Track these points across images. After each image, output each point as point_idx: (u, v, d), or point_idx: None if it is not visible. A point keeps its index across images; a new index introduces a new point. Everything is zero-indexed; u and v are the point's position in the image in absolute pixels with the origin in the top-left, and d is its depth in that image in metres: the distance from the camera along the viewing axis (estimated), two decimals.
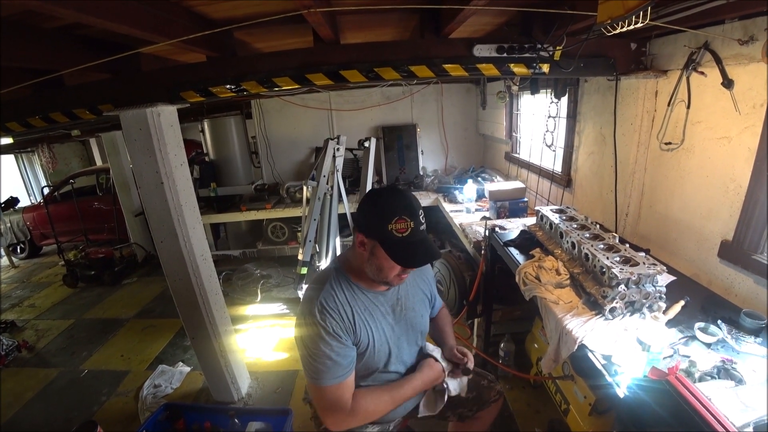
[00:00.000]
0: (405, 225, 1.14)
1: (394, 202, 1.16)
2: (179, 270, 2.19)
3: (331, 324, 1.17)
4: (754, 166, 1.56)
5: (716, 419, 0.80)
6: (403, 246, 1.15)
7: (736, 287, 1.67)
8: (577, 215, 1.90)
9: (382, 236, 1.15)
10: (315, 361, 1.17)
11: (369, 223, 1.19)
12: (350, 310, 1.22)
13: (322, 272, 1.35)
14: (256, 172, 5.01)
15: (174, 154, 2.12)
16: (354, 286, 1.27)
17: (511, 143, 4.06)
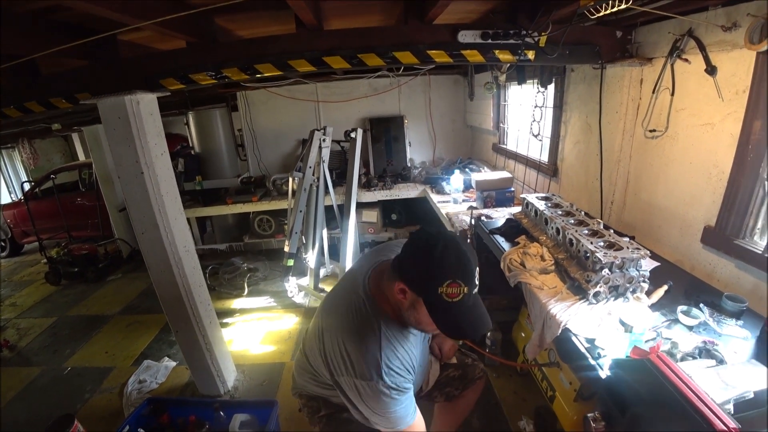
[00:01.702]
0: (458, 290, 0.99)
1: (450, 261, 1.00)
2: (161, 262, 2.15)
3: (402, 383, 1.11)
4: (736, 151, 1.57)
5: (697, 396, 0.80)
6: (452, 312, 1.01)
7: (719, 272, 1.69)
8: (562, 202, 1.90)
9: (428, 297, 1.02)
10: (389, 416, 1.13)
11: (415, 276, 1.03)
12: (410, 358, 1.16)
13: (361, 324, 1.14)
14: (242, 165, 4.95)
15: (154, 144, 2.07)
16: (404, 330, 1.17)
17: (499, 134, 4.06)
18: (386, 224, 4.68)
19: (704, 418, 0.76)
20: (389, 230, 4.64)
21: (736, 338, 1.21)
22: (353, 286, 1.22)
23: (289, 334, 3.25)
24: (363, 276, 1.21)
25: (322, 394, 1.37)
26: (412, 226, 4.61)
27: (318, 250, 3.50)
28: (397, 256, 1.10)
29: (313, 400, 1.41)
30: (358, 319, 1.13)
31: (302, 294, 3.74)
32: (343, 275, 1.44)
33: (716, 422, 0.75)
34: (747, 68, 1.48)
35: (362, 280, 1.20)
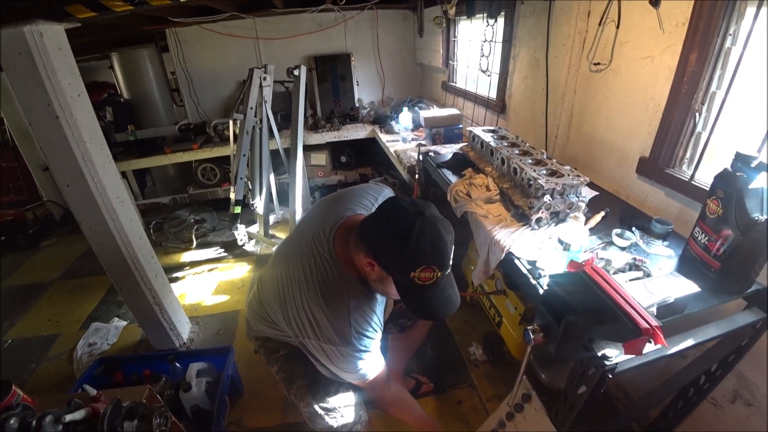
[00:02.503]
0: (431, 275, 0.96)
1: (425, 249, 0.94)
2: (94, 216, 1.98)
3: (372, 344, 1.12)
4: (672, 84, 1.61)
5: (625, 300, 0.86)
6: (423, 295, 1.00)
7: (650, 199, 1.80)
8: (508, 134, 1.92)
9: (398, 279, 0.99)
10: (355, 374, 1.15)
11: (387, 258, 0.98)
12: (377, 318, 1.15)
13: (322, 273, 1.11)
14: (179, 111, 4.55)
15: (68, 83, 1.82)
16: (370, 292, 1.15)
17: (448, 72, 3.98)
18: (336, 167, 4.58)
19: (631, 318, 0.83)
20: (339, 173, 4.55)
21: (662, 257, 1.31)
22: (315, 243, 1.16)
23: (242, 283, 3.22)
24: (326, 234, 1.14)
25: (281, 338, 1.37)
26: (363, 168, 4.54)
27: (266, 196, 3.39)
28: (365, 224, 1.03)
29: (270, 341, 1.41)
30: (325, 286, 1.09)
31: (253, 242, 3.67)
32: (300, 224, 1.38)
33: (641, 322, 0.82)
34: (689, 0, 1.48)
35: (326, 239, 1.13)
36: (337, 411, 1.28)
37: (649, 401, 1.50)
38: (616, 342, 0.90)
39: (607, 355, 0.92)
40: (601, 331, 0.88)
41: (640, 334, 0.81)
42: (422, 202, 0.99)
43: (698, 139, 1.61)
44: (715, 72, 1.48)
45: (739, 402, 1.43)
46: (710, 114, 1.54)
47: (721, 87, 1.48)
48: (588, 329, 0.87)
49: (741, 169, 1.04)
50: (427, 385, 2.08)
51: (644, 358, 0.96)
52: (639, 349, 0.83)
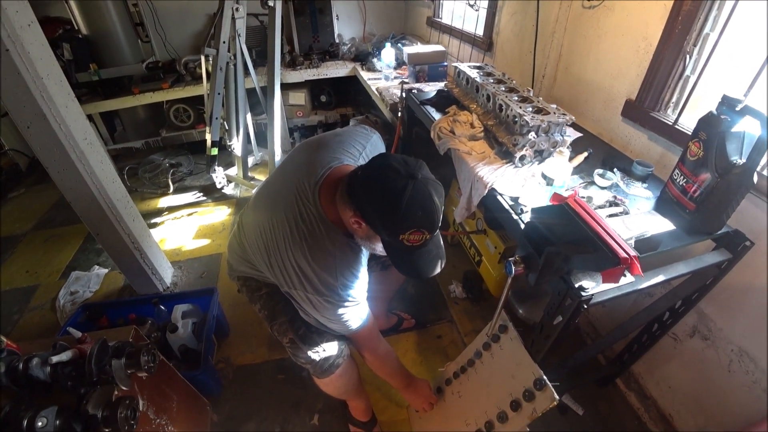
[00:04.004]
0: (420, 237, 0.95)
1: (416, 214, 0.92)
2: (60, 159, 1.87)
3: (356, 295, 1.12)
4: (665, 23, 1.55)
5: (605, 230, 0.88)
6: (411, 256, 1.00)
7: (633, 143, 1.81)
8: (494, 71, 1.86)
9: (386, 239, 0.99)
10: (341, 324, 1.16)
11: (375, 219, 0.96)
12: (363, 270, 1.15)
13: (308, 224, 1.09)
14: (146, 48, 4.19)
15: (15, 11, 1.64)
16: (354, 244, 1.13)
17: (434, 7, 3.76)
18: (315, 106, 4.41)
19: (610, 248, 0.85)
20: (319, 113, 4.40)
21: (641, 198, 1.34)
22: (299, 194, 1.12)
23: (223, 226, 3.21)
24: (312, 186, 1.11)
25: (264, 279, 1.37)
26: (344, 108, 4.39)
27: (243, 137, 3.26)
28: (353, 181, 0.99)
29: (251, 280, 1.41)
30: (312, 240, 1.07)
31: (232, 185, 3.60)
32: (281, 167, 1.32)
33: (620, 251, 0.85)
34: None
35: (311, 191, 1.10)
36: (319, 345, 1.31)
37: (615, 335, 1.60)
38: (594, 271, 0.93)
39: (583, 286, 0.95)
40: (580, 261, 0.90)
41: (618, 263, 0.84)
42: (414, 162, 0.96)
43: (686, 82, 1.58)
44: (710, 12, 1.44)
45: (697, 336, 1.55)
46: (701, 57, 1.51)
47: (715, 29, 1.44)
48: (568, 259, 0.90)
49: (725, 113, 1.04)
50: (409, 321, 2.17)
51: (618, 290, 1.01)
52: (617, 278, 0.86)
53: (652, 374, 1.81)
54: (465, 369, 1.47)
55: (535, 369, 1.18)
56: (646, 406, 1.82)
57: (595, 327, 2.09)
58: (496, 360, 1.34)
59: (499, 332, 1.32)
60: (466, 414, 1.39)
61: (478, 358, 1.42)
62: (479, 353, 1.41)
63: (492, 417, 1.28)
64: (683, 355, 1.63)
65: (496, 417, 1.26)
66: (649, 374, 1.82)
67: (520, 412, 1.19)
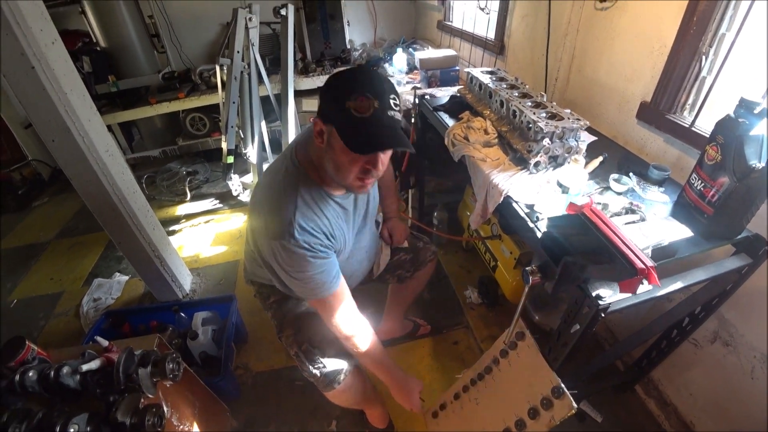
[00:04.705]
0: (368, 104, 0.90)
1: (357, 78, 0.94)
2: (84, 171, 1.93)
3: (316, 245, 1.06)
4: (680, 24, 1.53)
5: (622, 241, 0.88)
6: (362, 128, 0.92)
7: (649, 146, 1.78)
8: (507, 76, 1.86)
9: (337, 117, 0.93)
10: (303, 282, 1.10)
11: (325, 104, 0.97)
12: (329, 223, 1.12)
13: (282, 175, 1.11)
14: (162, 59, 4.30)
15: (40, 29, 1.70)
16: (325, 194, 1.12)
17: (444, 10, 3.77)
18: None
19: (627, 258, 0.85)
20: None
21: (658, 202, 1.32)
22: (282, 160, 1.17)
23: (240, 233, 3.25)
24: (291, 148, 1.16)
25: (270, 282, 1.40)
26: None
27: (258, 144, 3.31)
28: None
29: (264, 287, 1.44)
30: (281, 186, 1.09)
31: (247, 192, 3.65)
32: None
33: (637, 262, 0.84)
34: None
35: (290, 152, 1.14)
36: (320, 361, 1.32)
37: (633, 341, 1.59)
38: (611, 281, 0.93)
39: (600, 295, 0.95)
40: (597, 271, 0.90)
41: (635, 273, 0.84)
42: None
43: (702, 83, 1.56)
44: (726, 12, 1.41)
45: (718, 342, 1.52)
46: (717, 58, 1.49)
47: (731, 29, 1.42)
48: (585, 269, 0.90)
49: (743, 116, 1.02)
50: (425, 327, 2.18)
51: (635, 298, 1.00)
52: (634, 288, 0.86)
53: (672, 380, 1.78)
54: (482, 376, 1.47)
55: (552, 377, 1.18)
56: (666, 413, 1.79)
57: (613, 332, 2.06)
58: (513, 368, 1.34)
59: (516, 339, 1.32)
60: (483, 421, 1.39)
61: (496, 366, 1.42)
62: (496, 360, 1.41)
63: (510, 424, 1.28)
64: (704, 361, 1.60)
65: (514, 425, 1.26)
66: (669, 380, 1.79)
67: (538, 420, 1.19)
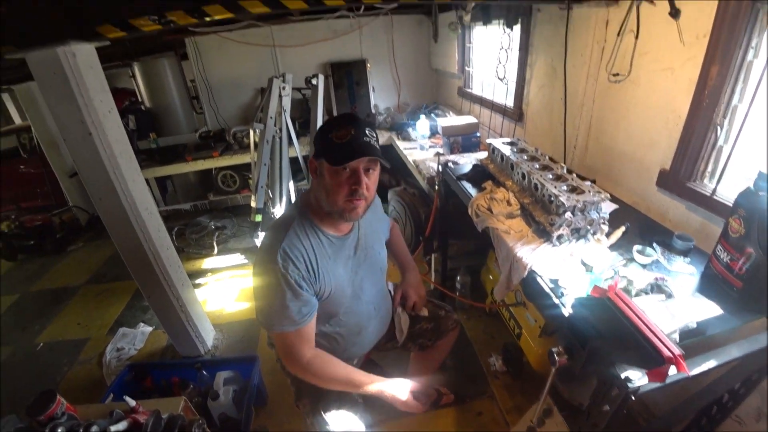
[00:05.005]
0: (345, 132, 1.10)
1: (340, 118, 1.18)
2: (124, 228, 2.06)
3: (294, 273, 1.12)
4: (693, 96, 1.59)
5: (648, 327, 0.88)
6: (342, 148, 1.09)
7: (671, 213, 1.79)
8: (527, 147, 1.93)
9: (324, 148, 1.12)
10: (272, 309, 1.14)
11: (316, 144, 1.17)
12: (314, 258, 1.17)
13: (283, 216, 1.28)
14: (199, 119, 4.64)
15: (100, 100, 1.90)
16: (318, 230, 1.21)
17: (464, 78, 3.98)
18: None
19: (654, 347, 0.85)
20: None
21: (684, 274, 1.31)
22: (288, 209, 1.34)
23: None
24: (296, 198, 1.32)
25: None
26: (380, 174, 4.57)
27: (286, 203, 3.44)
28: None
29: None
30: (278, 223, 1.24)
31: None
32: None
33: (664, 350, 0.84)
34: (709, 12, 1.47)
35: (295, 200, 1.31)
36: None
37: (671, 418, 1.50)
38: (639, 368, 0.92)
39: (630, 377, 0.94)
40: (624, 357, 0.90)
41: (663, 362, 0.83)
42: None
43: (720, 152, 1.59)
44: (737, 85, 1.47)
45: (765, 420, 1.43)
46: (732, 128, 1.53)
47: (743, 101, 1.47)
48: (612, 354, 0.89)
49: (764, 188, 1.04)
50: (448, 396, 2.10)
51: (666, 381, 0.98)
52: (662, 377, 0.85)
53: None
54: None
55: None
56: None
57: (648, 407, 1.95)
58: None
59: (544, 416, 1.28)
60: None
61: None
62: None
63: None
64: None
65: None
66: None
67: None
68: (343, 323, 1.36)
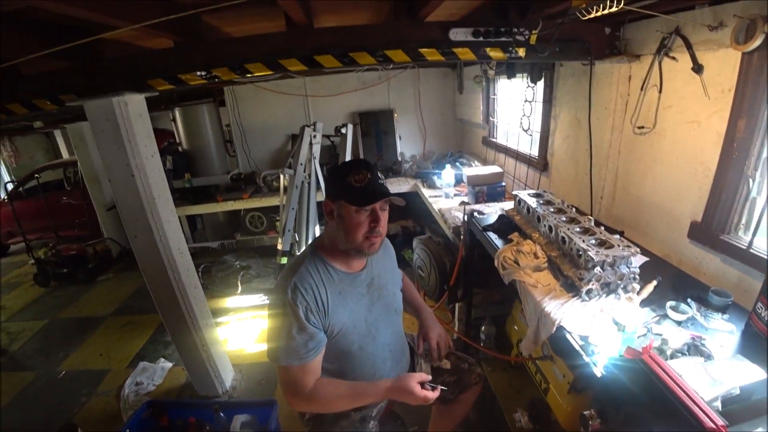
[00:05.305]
0: (362, 176, 1.20)
1: (351, 164, 1.30)
2: (155, 265, 2.14)
3: (302, 305, 1.17)
4: (722, 149, 1.59)
5: (687, 395, 0.83)
6: (363, 191, 1.19)
7: (705, 266, 1.73)
8: (553, 199, 1.93)
9: (343, 191, 1.20)
10: (280, 341, 1.18)
11: (332, 187, 1.26)
12: (324, 293, 1.22)
13: (298, 255, 1.36)
14: (232, 162, 4.88)
15: (144, 145, 2.04)
16: (329, 267, 1.27)
17: (488, 128, 4.06)
18: None
19: (694, 416, 0.80)
20: None
21: (723, 332, 1.24)
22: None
23: None
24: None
25: None
26: (404, 221, 4.61)
27: None
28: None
29: None
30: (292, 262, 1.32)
31: None
32: None
33: (706, 421, 0.79)
34: (733, 67, 1.50)
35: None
36: None
37: None
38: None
39: None
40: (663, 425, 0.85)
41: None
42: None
43: (754, 204, 1.55)
44: (766, 138, 1.46)
45: None
46: (765, 179, 1.50)
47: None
48: (649, 421, 0.85)
49: None
50: None
51: None
52: None
53: None
54: None
55: None
56: None
57: None
58: None
59: None
60: None
61: None
62: None
63: None
64: None
65: None
66: None
67: None
68: (357, 363, 1.34)
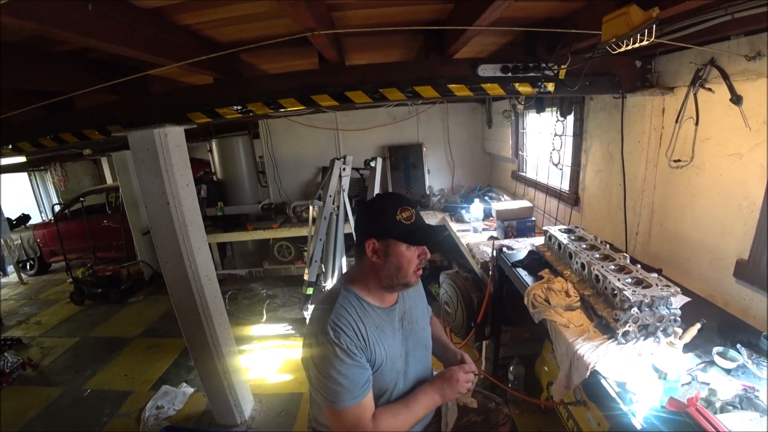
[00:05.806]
0: (409, 213, 1.21)
1: (391, 200, 1.26)
2: (184, 290, 2.18)
3: (346, 342, 1.12)
4: (767, 183, 1.51)
5: None
6: (416, 230, 1.20)
7: (754, 308, 1.61)
8: (586, 235, 1.86)
9: (394, 230, 1.19)
10: (330, 383, 1.11)
11: (377, 226, 1.22)
12: (363, 327, 1.18)
13: (329, 292, 1.32)
14: (263, 192, 5.03)
15: (180, 174, 2.14)
16: (363, 302, 1.24)
17: (518, 162, 4.03)
18: None
19: None
20: None
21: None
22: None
23: None
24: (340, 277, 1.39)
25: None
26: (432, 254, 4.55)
27: (337, 277, 3.49)
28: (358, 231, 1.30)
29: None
30: (324, 299, 1.29)
31: None
32: None
33: None
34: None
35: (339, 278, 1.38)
36: None
37: None
38: None
39: None
40: None
41: None
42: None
43: None
44: None
45: None
46: None
47: None
48: None
49: None
50: None
51: None
52: None
53: None
54: None
55: None
56: None
57: None
58: None
59: None
60: None
61: None
62: None
63: None
64: None
65: None
66: None
67: None
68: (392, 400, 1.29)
